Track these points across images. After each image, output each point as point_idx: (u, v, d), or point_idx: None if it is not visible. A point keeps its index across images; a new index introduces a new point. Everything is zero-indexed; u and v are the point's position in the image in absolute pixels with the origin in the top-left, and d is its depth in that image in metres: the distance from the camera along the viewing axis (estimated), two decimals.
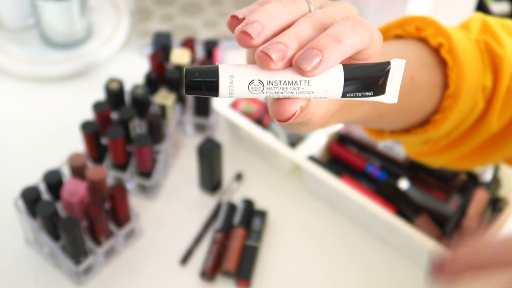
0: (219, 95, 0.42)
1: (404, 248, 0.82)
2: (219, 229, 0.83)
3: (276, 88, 0.42)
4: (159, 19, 1.10)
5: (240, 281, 0.80)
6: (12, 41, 1.04)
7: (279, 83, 0.42)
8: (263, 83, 0.42)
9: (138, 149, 0.81)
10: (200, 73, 0.42)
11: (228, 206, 0.85)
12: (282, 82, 0.42)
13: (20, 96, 1.00)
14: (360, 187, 0.83)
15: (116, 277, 0.81)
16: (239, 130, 0.90)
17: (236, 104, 0.90)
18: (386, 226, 0.81)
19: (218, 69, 0.42)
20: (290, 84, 0.42)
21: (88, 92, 0.99)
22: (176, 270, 0.82)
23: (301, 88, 0.42)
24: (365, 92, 0.43)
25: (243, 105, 0.90)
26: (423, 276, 0.81)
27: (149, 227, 0.85)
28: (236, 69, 0.42)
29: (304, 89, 0.42)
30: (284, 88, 0.42)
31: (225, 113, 0.88)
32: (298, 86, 0.42)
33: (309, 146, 0.86)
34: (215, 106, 0.88)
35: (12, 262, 0.82)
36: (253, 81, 0.42)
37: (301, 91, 0.42)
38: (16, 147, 0.94)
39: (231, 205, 0.86)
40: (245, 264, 0.80)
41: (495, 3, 1.12)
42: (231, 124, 0.90)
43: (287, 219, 0.87)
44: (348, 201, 0.82)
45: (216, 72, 0.42)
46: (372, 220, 0.82)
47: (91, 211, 0.74)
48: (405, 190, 0.83)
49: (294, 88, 0.42)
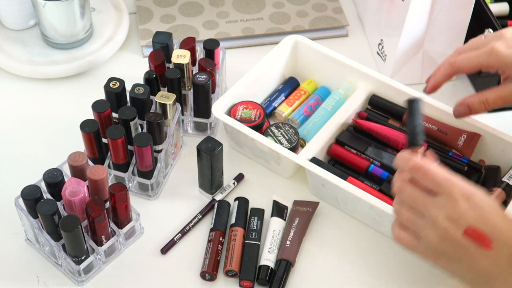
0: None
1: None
2: (213, 227, 0.83)
3: None
4: (159, 19, 1.10)
5: (243, 282, 0.80)
6: (13, 41, 1.04)
7: None
8: None
9: (138, 149, 0.82)
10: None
11: (221, 204, 0.86)
12: None
13: (21, 96, 1.01)
14: (365, 187, 0.83)
15: (116, 276, 0.81)
16: (238, 136, 0.90)
17: (234, 111, 0.90)
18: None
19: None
20: None
21: (88, 92, 0.99)
22: (177, 270, 0.82)
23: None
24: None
25: (241, 111, 0.90)
26: (433, 268, 0.81)
27: (150, 226, 0.85)
28: None
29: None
30: None
31: (224, 119, 0.88)
32: None
33: (310, 149, 0.86)
34: (214, 112, 0.88)
35: (13, 261, 0.82)
36: None
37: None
38: (16, 146, 0.94)
39: (224, 202, 0.86)
40: (248, 264, 0.80)
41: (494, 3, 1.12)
42: (231, 130, 0.90)
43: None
44: (356, 200, 0.82)
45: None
46: (380, 218, 0.83)
47: (91, 210, 0.75)
48: None
49: None
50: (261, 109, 0.91)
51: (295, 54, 0.99)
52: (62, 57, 1.02)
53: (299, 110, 0.96)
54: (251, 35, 1.08)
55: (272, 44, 1.02)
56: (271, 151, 0.87)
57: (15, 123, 0.97)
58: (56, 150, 0.91)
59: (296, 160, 0.84)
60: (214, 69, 0.92)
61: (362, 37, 1.11)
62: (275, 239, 0.82)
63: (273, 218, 0.85)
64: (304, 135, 0.92)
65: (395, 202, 0.67)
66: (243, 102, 0.92)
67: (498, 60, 0.77)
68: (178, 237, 0.84)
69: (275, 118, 0.97)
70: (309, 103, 0.96)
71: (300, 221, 0.84)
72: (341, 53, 0.97)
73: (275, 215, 0.85)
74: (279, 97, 0.98)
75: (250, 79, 0.93)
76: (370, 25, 1.09)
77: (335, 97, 0.95)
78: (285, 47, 0.97)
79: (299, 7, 1.13)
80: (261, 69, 0.94)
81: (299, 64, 1.00)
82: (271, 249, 0.81)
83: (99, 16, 1.07)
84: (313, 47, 0.97)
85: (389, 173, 0.86)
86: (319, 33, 1.10)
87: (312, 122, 0.93)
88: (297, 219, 0.84)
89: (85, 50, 1.03)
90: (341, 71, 0.96)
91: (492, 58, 0.77)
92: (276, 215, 0.85)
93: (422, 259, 0.66)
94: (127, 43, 1.08)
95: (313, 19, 1.11)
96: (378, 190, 0.84)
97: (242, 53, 1.08)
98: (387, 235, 0.85)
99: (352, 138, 0.89)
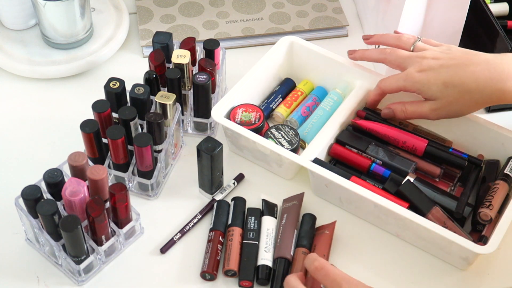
0: None
1: (419, 241, 0.83)
2: (212, 227, 0.83)
3: None
4: (159, 19, 1.10)
5: (243, 282, 0.80)
6: (13, 41, 1.04)
7: None
8: None
9: (138, 149, 0.82)
10: None
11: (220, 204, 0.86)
12: None
13: (21, 96, 1.01)
14: (369, 185, 0.83)
15: (116, 276, 0.81)
16: (239, 139, 0.90)
17: (234, 114, 0.90)
18: (400, 221, 0.81)
19: None
20: None
21: (88, 92, 0.99)
22: (177, 270, 0.82)
23: None
24: None
25: (241, 114, 0.90)
26: (441, 267, 0.82)
27: (150, 226, 0.85)
28: None
29: None
30: None
31: (224, 123, 0.87)
32: None
33: (311, 150, 0.86)
34: (214, 116, 0.88)
35: (13, 261, 0.82)
36: None
37: None
38: (17, 146, 0.94)
39: (223, 202, 0.86)
40: (247, 264, 0.80)
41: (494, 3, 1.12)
42: (231, 134, 0.90)
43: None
44: (360, 199, 0.82)
45: None
46: (384, 216, 0.83)
47: (91, 210, 0.75)
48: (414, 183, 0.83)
49: None
50: (260, 111, 0.91)
51: (291, 55, 0.99)
52: (62, 57, 1.02)
53: (297, 111, 0.96)
54: (251, 35, 1.08)
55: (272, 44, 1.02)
56: (272, 153, 0.87)
57: (15, 123, 0.97)
58: (56, 150, 0.91)
59: (299, 162, 0.84)
60: (214, 69, 0.92)
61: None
62: (270, 238, 0.83)
63: (265, 217, 0.85)
64: (304, 136, 0.92)
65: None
66: (242, 105, 0.92)
67: (412, 84, 0.85)
68: (177, 237, 0.84)
69: (273, 120, 0.97)
70: (307, 103, 0.96)
71: (288, 216, 0.84)
72: (341, 53, 0.97)
73: (266, 214, 0.85)
74: (276, 98, 0.98)
75: (247, 82, 0.93)
76: (368, 25, 1.09)
77: (333, 97, 0.95)
78: (281, 48, 0.97)
79: (299, 7, 1.13)
80: (258, 71, 0.94)
81: (295, 65, 1.00)
82: (267, 248, 0.81)
83: (99, 16, 1.07)
84: (308, 47, 0.97)
85: (391, 171, 0.86)
86: (319, 33, 1.10)
87: (311, 122, 0.93)
88: (285, 215, 0.84)
89: (85, 50, 1.03)
90: (337, 71, 0.96)
91: (407, 82, 0.85)
92: (267, 214, 0.85)
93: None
94: (127, 43, 1.08)
95: (313, 19, 1.11)
96: (382, 189, 0.84)
97: (242, 53, 1.08)
98: (391, 233, 0.85)
99: (352, 137, 0.90)
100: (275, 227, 0.84)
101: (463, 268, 0.83)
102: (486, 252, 0.76)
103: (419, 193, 0.82)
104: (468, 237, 0.79)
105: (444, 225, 0.80)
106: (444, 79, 0.82)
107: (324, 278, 0.69)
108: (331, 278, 0.69)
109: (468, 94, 0.82)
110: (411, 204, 0.81)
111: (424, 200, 0.82)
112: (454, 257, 0.81)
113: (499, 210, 0.82)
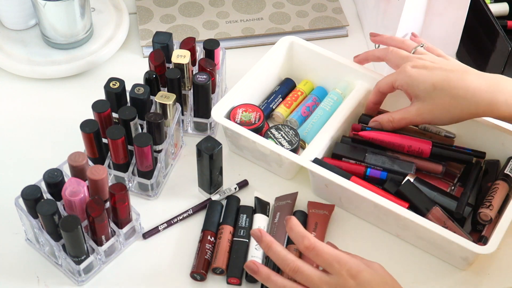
0: None
1: (419, 241, 0.83)
2: (203, 228, 0.83)
3: None
4: (159, 19, 1.10)
5: (230, 279, 0.80)
6: (13, 41, 1.04)
7: None
8: None
9: (138, 149, 0.82)
10: None
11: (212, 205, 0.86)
12: None
13: (21, 96, 1.01)
14: (369, 185, 0.83)
15: (116, 276, 0.81)
16: (239, 139, 0.90)
17: (234, 114, 0.90)
18: (400, 221, 0.81)
19: None
20: None
21: (88, 92, 0.99)
22: (177, 269, 0.82)
23: None
24: None
25: (241, 114, 0.90)
26: (441, 267, 0.82)
27: (150, 226, 0.85)
28: None
29: None
30: None
31: (225, 123, 0.87)
32: None
33: (311, 150, 0.86)
34: (214, 116, 0.88)
35: (13, 261, 0.82)
36: None
37: None
38: (17, 146, 0.94)
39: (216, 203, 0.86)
40: (236, 262, 0.80)
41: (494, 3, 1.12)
42: (231, 134, 0.90)
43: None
44: (360, 199, 0.82)
45: None
46: (384, 216, 0.83)
47: (91, 210, 0.75)
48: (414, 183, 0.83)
49: None
50: (260, 111, 0.91)
51: (291, 55, 0.99)
52: (62, 57, 1.02)
53: (297, 111, 0.96)
54: (251, 35, 1.08)
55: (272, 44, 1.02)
56: (272, 153, 0.87)
57: (15, 123, 0.97)
58: (56, 150, 0.91)
59: (299, 162, 0.84)
60: (214, 69, 0.93)
61: (362, 37, 1.11)
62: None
63: (257, 214, 0.85)
64: (304, 136, 0.92)
65: (290, 283, 0.71)
66: (242, 105, 0.92)
67: (402, 78, 0.84)
68: (163, 227, 0.84)
69: (273, 120, 0.97)
70: (307, 103, 0.97)
71: (280, 215, 0.84)
72: (341, 53, 0.97)
73: (259, 212, 0.85)
74: (276, 98, 0.98)
75: (247, 82, 0.93)
76: (369, 25, 1.09)
77: (333, 97, 0.95)
78: (281, 48, 0.97)
79: (299, 7, 1.13)
80: (258, 71, 0.94)
81: (295, 65, 1.00)
82: (258, 245, 0.81)
83: (99, 16, 1.07)
84: (308, 47, 0.97)
85: (387, 172, 0.86)
86: (319, 33, 1.10)
87: (311, 122, 0.93)
88: (278, 213, 0.84)
89: (85, 50, 1.03)
90: (337, 71, 0.96)
91: (399, 76, 0.85)
92: (259, 211, 0.85)
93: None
94: (127, 43, 1.08)
95: (313, 19, 1.11)
96: (382, 189, 0.84)
97: (242, 53, 1.08)
98: (391, 233, 0.85)
99: (347, 148, 0.88)
100: (266, 225, 0.84)
101: (463, 268, 0.83)
102: (486, 252, 0.76)
103: (419, 193, 0.82)
104: (468, 237, 0.79)
105: (444, 225, 0.80)
106: (434, 81, 0.82)
107: (315, 258, 0.69)
108: (323, 259, 0.68)
109: (455, 100, 0.81)
110: (411, 204, 0.81)
111: (424, 200, 0.82)
112: (454, 257, 0.81)
113: (499, 210, 0.82)
